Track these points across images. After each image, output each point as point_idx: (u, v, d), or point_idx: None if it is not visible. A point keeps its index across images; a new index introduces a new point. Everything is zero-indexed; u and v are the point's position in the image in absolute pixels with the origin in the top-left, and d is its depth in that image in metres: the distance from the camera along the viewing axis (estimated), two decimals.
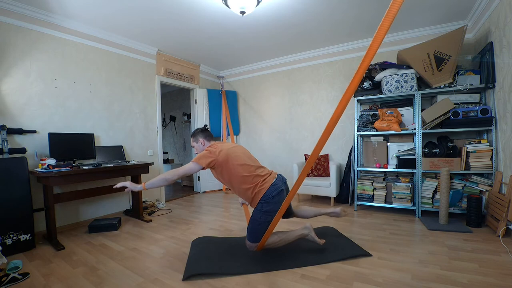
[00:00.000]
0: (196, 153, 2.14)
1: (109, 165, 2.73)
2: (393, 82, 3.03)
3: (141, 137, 3.73)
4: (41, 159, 2.43)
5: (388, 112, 3.13)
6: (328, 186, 3.49)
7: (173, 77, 4.19)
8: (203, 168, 1.88)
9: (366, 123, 3.27)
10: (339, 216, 2.32)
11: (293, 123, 4.46)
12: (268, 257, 1.96)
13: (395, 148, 3.18)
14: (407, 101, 3.21)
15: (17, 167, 2.26)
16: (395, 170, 3.07)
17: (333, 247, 2.09)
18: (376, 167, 3.23)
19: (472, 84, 2.72)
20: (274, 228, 1.86)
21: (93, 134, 3.01)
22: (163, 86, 4.40)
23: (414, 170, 2.94)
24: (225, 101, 4.77)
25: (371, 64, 3.35)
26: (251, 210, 2.20)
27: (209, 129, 2.22)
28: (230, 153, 1.95)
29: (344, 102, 1.36)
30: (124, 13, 2.78)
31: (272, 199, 1.88)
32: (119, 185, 1.83)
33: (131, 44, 3.54)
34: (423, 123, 2.91)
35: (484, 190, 2.63)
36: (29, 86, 2.62)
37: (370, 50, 1.19)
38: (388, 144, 3.24)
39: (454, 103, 2.79)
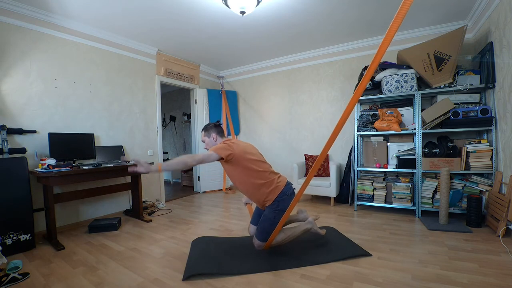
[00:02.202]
0: (205, 148, 2.10)
1: (109, 165, 2.73)
2: (393, 82, 3.03)
3: (141, 137, 3.73)
4: (41, 159, 2.43)
5: (388, 112, 3.13)
6: (328, 186, 3.49)
7: (173, 77, 4.19)
8: (221, 159, 1.83)
9: (366, 123, 3.27)
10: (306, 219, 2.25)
11: (293, 123, 4.46)
12: (268, 257, 1.96)
13: (395, 148, 3.18)
14: (407, 101, 3.21)
15: (17, 167, 2.26)
16: (395, 170, 3.07)
17: (333, 247, 2.10)
18: (376, 167, 3.23)
19: (472, 84, 2.72)
20: (282, 226, 1.87)
21: (93, 134, 3.01)
22: (163, 86, 4.39)
23: (414, 170, 2.94)
24: (225, 101, 4.77)
25: None
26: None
27: (222, 125, 2.18)
28: (247, 149, 1.96)
29: (351, 105, 1.39)
30: (124, 13, 2.78)
31: (289, 196, 1.93)
32: (131, 169, 1.69)
33: (131, 44, 3.54)
34: (423, 123, 2.91)
35: (484, 190, 2.62)
36: (29, 86, 2.62)
37: (381, 49, 1.20)
38: (388, 144, 3.24)
39: (454, 103, 2.79)
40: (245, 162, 1.90)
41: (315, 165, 1.56)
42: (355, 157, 3.30)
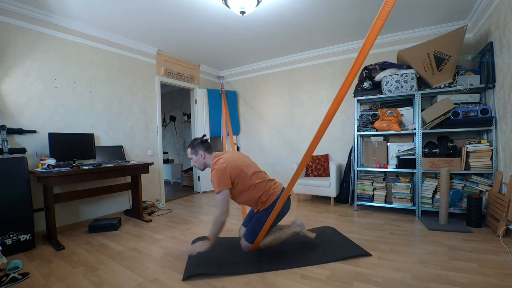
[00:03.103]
0: (193, 165, 2.02)
1: (109, 165, 2.73)
2: (393, 82, 3.03)
3: (141, 137, 3.73)
4: (41, 159, 2.43)
5: (388, 112, 3.13)
6: (328, 186, 3.49)
7: (173, 77, 4.19)
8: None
9: (366, 123, 3.27)
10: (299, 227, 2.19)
11: (293, 123, 4.46)
12: (268, 257, 1.96)
13: (395, 148, 3.18)
14: (407, 101, 3.21)
15: (17, 167, 2.26)
16: (395, 170, 3.07)
17: (333, 247, 2.10)
18: (376, 167, 3.23)
19: (472, 84, 2.72)
20: (268, 228, 1.88)
21: (93, 134, 3.01)
22: (163, 86, 4.39)
23: (414, 170, 2.94)
24: (225, 101, 4.77)
25: (370, 64, 3.35)
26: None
27: (208, 141, 2.07)
28: (240, 163, 1.91)
29: (337, 102, 1.40)
30: (124, 13, 2.78)
31: (285, 202, 1.90)
32: (191, 252, 1.85)
33: (131, 44, 3.54)
34: (423, 123, 2.91)
35: (484, 190, 2.62)
36: (29, 86, 2.62)
37: (363, 50, 1.24)
38: (388, 144, 3.24)
39: (454, 103, 2.79)
40: (242, 178, 1.88)
41: (305, 158, 1.58)
42: (355, 157, 3.30)
